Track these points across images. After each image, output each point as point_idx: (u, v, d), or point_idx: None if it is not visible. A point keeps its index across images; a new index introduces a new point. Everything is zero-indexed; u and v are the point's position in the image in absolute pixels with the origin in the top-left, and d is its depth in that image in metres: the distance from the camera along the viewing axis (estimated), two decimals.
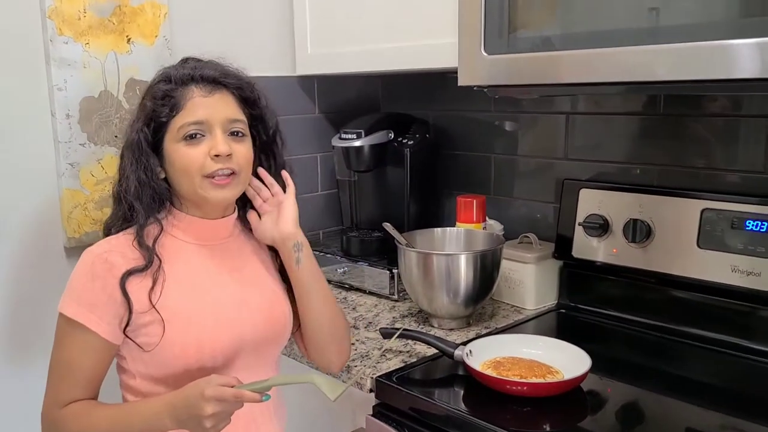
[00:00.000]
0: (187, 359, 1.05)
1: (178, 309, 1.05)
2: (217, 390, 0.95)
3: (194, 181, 1.05)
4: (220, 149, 1.04)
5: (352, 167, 1.80)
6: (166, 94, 1.05)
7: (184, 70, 1.08)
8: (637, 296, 1.46)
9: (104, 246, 1.05)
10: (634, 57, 1.07)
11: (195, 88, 1.06)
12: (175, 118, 1.05)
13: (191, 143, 1.05)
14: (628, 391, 1.24)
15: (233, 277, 1.13)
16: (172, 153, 1.06)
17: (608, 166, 1.56)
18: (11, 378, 1.43)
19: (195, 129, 1.05)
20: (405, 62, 1.53)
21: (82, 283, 1.03)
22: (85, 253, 1.04)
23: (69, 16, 1.41)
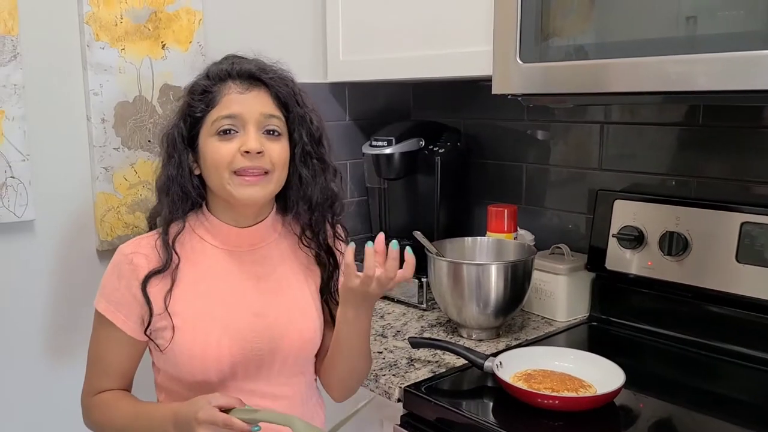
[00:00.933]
0: (192, 367, 1.05)
1: (187, 316, 1.05)
2: (210, 414, 0.94)
3: (223, 176, 1.04)
4: (251, 146, 1.02)
5: (382, 175, 1.79)
6: (204, 90, 1.06)
7: (222, 65, 1.08)
8: (672, 310, 1.43)
9: (132, 246, 1.08)
10: (672, 66, 1.06)
11: (232, 84, 1.06)
12: (210, 112, 1.05)
13: (224, 138, 1.04)
14: (661, 407, 1.21)
15: (256, 286, 1.10)
16: (204, 147, 1.06)
17: (643, 177, 1.53)
18: (48, 375, 1.44)
19: (228, 124, 1.04)
20: (438, 70, 1.53)
21: (111, 282, 1.07)
22: (117, 252, 1.08)
23: (106, 22, 1.43)
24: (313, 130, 1.10)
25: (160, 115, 1.52)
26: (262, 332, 1.08)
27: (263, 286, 1.11)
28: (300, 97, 1.10)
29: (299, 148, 1.09)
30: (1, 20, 1.30)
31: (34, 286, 1.41)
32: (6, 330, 1.38)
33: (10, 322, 1.39)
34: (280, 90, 1.07)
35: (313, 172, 1.10)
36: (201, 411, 0.94)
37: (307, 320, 1.13)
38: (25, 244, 1.39)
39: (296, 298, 1.14)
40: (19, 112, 1.33)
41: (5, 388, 1.39)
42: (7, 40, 1.31)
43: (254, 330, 1.08)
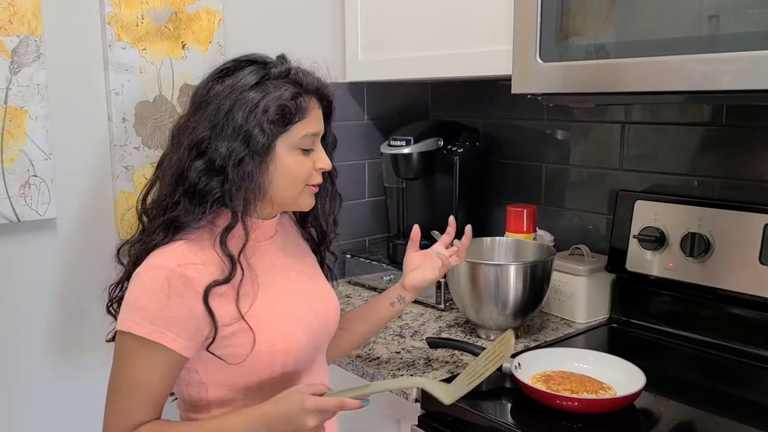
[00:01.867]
0: (273, 366, 1.03)
1: (262, 317, 1.02)
2: (318, 402, 0.95)
3: (298, 188, 1.04)
4: (327, 165, 1.07)
5: (400, 174, 1.79)
6: (296, 97, 1.01)
7: (310, 77, 1.04)
8: (693, 312, 1.41)
9: (176, 258, 0.97)
10: (695, 65, 1.04)
11: (314, 99, 1.04)
12: (298, 124, 1.01)
13: (305, 153, 1.04)
14: (682, 410, 1.20)
15: (296, 273, 1.12)
16: (285, 158, 1.01)
17: (665, 178, 1.51)
18: (68, 371, 1.46)
19: (311, 141, 1.04)
20: (456, 69, 1.52)
21: (157, 301, 0.95)
22: (155, 268, 0.96)
23: (127, 22, 1.44)
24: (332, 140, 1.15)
25: (179, 115, 1.52)
26: (319, 315, 1.11)
27: (298, 271, 1.13)
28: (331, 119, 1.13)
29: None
30: (25, 21, 1.31)
31: (55, 284, 1.43)
32: (27, 326, 1.40)
33: (32, 319, 1.40)
34: (327, 111, 1.10)
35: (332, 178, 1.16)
36: (307, 401, 0.94)
37: (334, 297, 1.18)
38: (47, 242, 1.40)
39: (321, 278, 1.18)
40: (42, 112, 1.35)
41: (27, 383, 1.41)
42: (31, 41, 1.32)
43: (314, 314, 1.10)
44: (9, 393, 1.39)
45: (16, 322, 1.38)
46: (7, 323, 1.38)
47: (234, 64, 1.04)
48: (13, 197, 1.33)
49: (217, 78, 1.03)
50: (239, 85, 1.00)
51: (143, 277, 0.97)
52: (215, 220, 1.02)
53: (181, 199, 0.99)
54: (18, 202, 1.34)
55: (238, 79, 1.01)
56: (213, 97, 1.01)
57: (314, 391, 0.97)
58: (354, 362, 1.34)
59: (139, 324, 0.95)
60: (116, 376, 0.98)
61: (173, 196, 1.00)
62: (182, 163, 1.00)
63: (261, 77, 1.01)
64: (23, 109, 1.33)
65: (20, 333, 1.39)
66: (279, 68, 1.03)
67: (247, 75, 1.01)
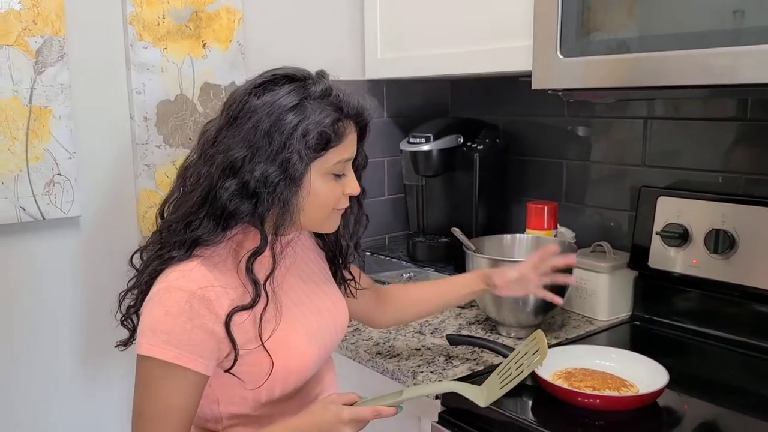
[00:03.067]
0: (285, 384, 1.03)
1: (281, 342, 1.01)
2: (354, 411, 0.96)
3: (326, 213, 1.02)
4: (356, 191, 1.04)
5: (420, 172, 1.79)
6: (335, 123, 0.97)
7: (351, 100, 1.00)
8: (717, 310, 1.39)
9: (197, 281, 0.94)
10: (718, 59, 1.03)
11: (351, 123, 1.01)
12: (333, 149, 0.98)
13: (336, 178, 1.01)
14: (706, 409, 1.18)
15: (307, 284, 1.11)
16: (318, 183, 0.99)
17: (688, 174, 1.50)
18: (83, 373, 1.48)
19: (344, 167, 1.01)
20: (476, 66, 1.51)
21: (180, 324, 0.92)
22: (176, 291, 0.94)
23: (149, 22, 1.45)
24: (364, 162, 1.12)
25: (200, 113, 1.54)
26: (329, 326, 1.10)
27: (308, 280, 1.12)
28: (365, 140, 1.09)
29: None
30: (49, 22, 1.33)
31: (78, 280, 1.45)
32: (51, 323, 1.42)
33: (55, 315, 1.42)
34: (362, 134, 1.07)
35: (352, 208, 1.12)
36: (343, 411, 0.95)
37: (342, 303, 1.16)
38: (70, 240, 1.42)
39: (330, 284, 1.17)
40: (65, 111, 1.37)
41: (47, 378, 1.43)
42: (55, 41, 1.34)
43: (324, 326, 1.10)
44: (29, 388, 1.41)
45: (40, 318, 1.41)
46: (32, 319, 1.40)
47: (272, 77, 0.99)
48: (38, 195, 1.35)
49: (253, 92, 0.98)
50: (278, 105, 0.96)
51: (164, 300, 0.94)
52: (239, 239, 1.00)
53: (206, 217, 0.96)
54: (43, 201, 1.36)
55: (276, 97, 0.96)
56: (249, 113, 0.96)
57: (346, 401, 0.97)
58: (374, 359, 1.34)
59: (164, 349, 0.92)
60: (143, 403, 0.95)
61: (199, 213, 0.97)
62: (213, 181, 0.96)
63: (300, 98, 0.96)
64: (47, 109, 1.35)
65: (43, 329, 1.41)
66: (318, 87, 0.98)
67: (285, 94, 0.96)
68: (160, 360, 0.92)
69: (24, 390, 1.40)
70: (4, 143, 1.30)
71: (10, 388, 1.38)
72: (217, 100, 1.56)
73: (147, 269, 1.01)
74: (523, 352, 1.05)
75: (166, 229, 1.01)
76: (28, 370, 1.40)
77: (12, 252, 1.36)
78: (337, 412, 0.95)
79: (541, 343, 1.03)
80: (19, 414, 1.40)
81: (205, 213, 0.96)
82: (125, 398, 1.52)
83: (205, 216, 0.96)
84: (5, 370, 1.37)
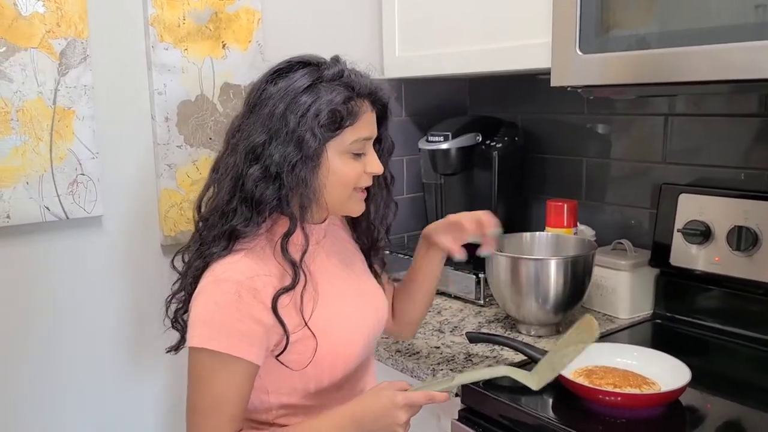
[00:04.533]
0: (334, 370, 1.05)
1: (324, 322, 1.03)
2: (408, 396, 0.96)
3: (347, 193, 1.04)
4: (378, 170, 1.06)
5: (438, 170, 1.79)
6: (347, 100, 1.00)
7: (363, 80, 1.03)
8: (740, 308, 1.38)
9: (243, 271, 0.97)
10: (740, 54, 1.02)
11: (366, 102, 1.03)
12: (348, 128, 1.00)
13: (356, 158, 1.03)
14: (729, 408, 1.17)
15: (349, 273, 1.13)
16: (336, 162, 1.01)
17: (710, 171, 1.48)
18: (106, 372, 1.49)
19: (362, 146, 1.03)
20: (495, 64, 1.51)
21: (229, 314, 0.95)
22: (224, 282, 0.96)
23: (170, 23, 1.47)
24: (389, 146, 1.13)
25: (221, 113, 1.55)
26: (373, 315, 1.12)
27: (349, 272, 1.14)
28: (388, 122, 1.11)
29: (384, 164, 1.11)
30: (72, 24, 1.35)
31: (102, 279, 1.46)
32: (75, 321, 1.44)
33: (81, 314, 1.44)
34: (383, 115, 1.09)
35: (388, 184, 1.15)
36: (396, 397, 0.95)
37: (382, 295, 1.18)
38: (94, 239, 1.44)
39: (369, 277, 1.19)
40: (88, 112, 1.39)
41: (70, 377, 1.45)
42: (78, 43, 1.36)
43: (369, 315, 1.12)
44: (49, 387, 1.43)
45: (63, 316, 1.42)
46: (55, 317, 1.42)
47: (287, 65, 1.03)
48: (62, 195, 1.37)
49: (270, 79, 1.02)
50: (292, 88, 0.99)
51: (213, 292, 0.97)
52: (273, 228, 1.03)
53: (239, 206, 0.99)
54: (66, 200, 1.38)
55: (291, 82, 1.00)
56: (266, 99, 1.00)
57: (398, 388, 0.98)
58: (393, 357, 1.34)
59: (216, 339, 0.95)
60: (197, 396, 0.97)
61: (231, 203, 1.00)
62: (239, 169, 0.99)
63: (314, 80, 1.00)
64: (71, 110, 1.37)
65: (67, 327, 1.43)
66: (332, 70, 1.01)
67: (299, 78, 1.00)
68: (212, 350, 0.94)
69: (44, 388, 1.42)
70: (29, 144, 1.33)
71: (29, 386, 1.40)
72: (237, 100, 1.57)
73: (190, 269, 1.04)
74: (572, 339, 1.05)
75: (204, 225, 1.05)
76: (50, 367, 1.42)
77: (36, 251, 1.38)
78: (392, 397, 0.96)
79: (590, 328, 1.04)
80: (32, 413, 1.42)
81: (236, 202, 0.99)
82: (148, 396, 1.54)
83: (237, 205, 0.99)
84: (28, 367, 1.39)
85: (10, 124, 1.30)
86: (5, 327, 1.36)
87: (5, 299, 1.35)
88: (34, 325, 1.39)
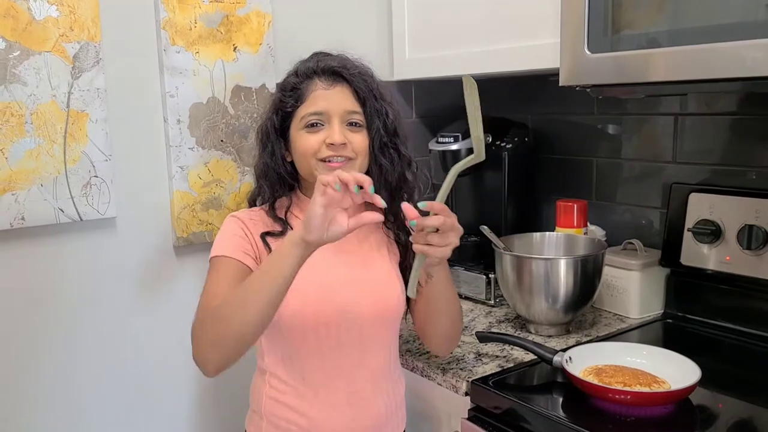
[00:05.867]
0: (293, 323, 1.12)
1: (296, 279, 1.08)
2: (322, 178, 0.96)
3: (310, 164, 1.16)
4: (335, 139, 1.14)
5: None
6: (294, 86, 1.17)
7: (309, 63, 1.19)
8: (752, 307, 1.37)
9: (244, 213, 1.19)
10: (750, 51, 1.02)
11: (318, 81, 1.17)
12: (299, 108, 1.17)
13: (311, 131, 1.16)
14: (741, 407, 1.17)
15: (343, 258, 1.17)
16: (295, 139, 1.17)
17: (721, 170, 1.48)
18: (117, 372, 1.51)
19: (315, 119, 1.15)
20: (504, 64, 1.51)
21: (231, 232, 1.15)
22: (229, 218, 1.19)
23: (181, 26, 1.48)
24: (388, 123, 1.19)
25: (232, 116, 1.57)
26: (351, 297, 1.15)
27: (349, 258, 1.19)
28: (377, 92, 1.19)
29: (377, 139, 1.18)
30: (85, 28, 1.37)
31: (115, 280, 1.48)
32: (90, 322, 1.46)
33: (95, 315, 1.46)
34: (359, 86, 1.17)
35: (390, 161, 1.19)
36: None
37: (392, 289, 1.19)
38: (107, 240, 1.46)
39: (381, 270, 1.20)
40: (101, 115, 1.40)
41: (83, 378, 1.47)
42: (91, 47, 1.38)
43: (344, 294, 1.15)
44: (63, 390, 1.44)
45: (77, 316, 1.44)
46: (69, 317, 1.43)
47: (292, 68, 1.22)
48: (75, 197, 1.39)
49: None
50: None
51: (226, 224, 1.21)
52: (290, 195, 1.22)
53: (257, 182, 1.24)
54: (80, 202, 1.40)
55: None
56: None
57: None
58: (404, 357, 1.35)
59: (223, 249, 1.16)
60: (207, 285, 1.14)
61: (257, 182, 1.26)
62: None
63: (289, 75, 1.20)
64: (84, 113, 1.39)
65: (81, 327, 1.45)
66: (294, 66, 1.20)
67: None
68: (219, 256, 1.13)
69: (59, 389, 1.44)
70: (43, 146, 1.34)
71: (41, 386, 1.42)
72: (248, 102, 1.58)
73: None
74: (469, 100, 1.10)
75: None
76: (66, 367, 1.44)
77: (50, 252, 1.40)
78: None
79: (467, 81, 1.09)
80: (43, 414, 1.43)
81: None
82: (158, 396, 1.55)
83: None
84: (43, 367, 1.41)
85: (24, 127, 1.32)
86: (19, 327, 1.38)
87: (19, 300, 1.37)
88: (48, 326, 1.41)
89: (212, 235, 1.52)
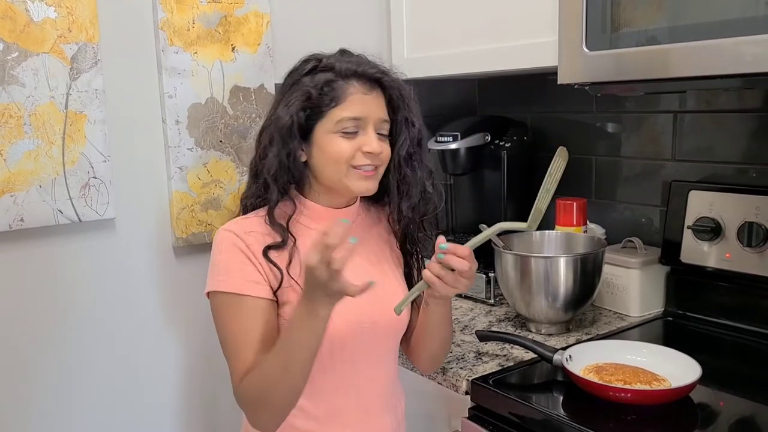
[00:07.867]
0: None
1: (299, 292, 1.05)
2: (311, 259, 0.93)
3: (341, 170, 1.08)
4: (374, 148, 1.08)
5: (448, 170, 1.79)
6: (328, 84, 1.08)
7: (348, 64, 1.10)
8: (752, 304, 1.37)
9: (238, 226, 1.09)
10: (750, 47, 1.01)
11: (356, 84, 1.08)
12: (333, 109, 1.07)
13: (347, 137, 1.08)
14: (742, 405, 1.16)
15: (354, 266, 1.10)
16: (325, 141, 1.08)
17: (721, 167, 1.47)
18: (118, 373, 1.51)
19: (352, 125, 1.08)
20: (503, 63, 1.51)
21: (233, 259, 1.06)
22: (223, 233, 1.08)
23: (179, 27, 1.48)
24: (416, 134, 1.16)
25: (230, 116, 1.57)
26: (364, 307, 1.10)
27: (359, 265, 1.13)
28: (410, 102, 1.15)
29: (403, 149, 1.14)
30: (83, 29, 1.37)
31: (114, 281, 1.48)
32: (90, 323, 1.45)
33: (94, 315, 1.46)
34: (394, 94, 1.13)
35: (413, 171, 1.15)
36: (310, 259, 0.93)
37: (397, 290, 1.17)
38: (106, 241, 1.46)
39: (390, 274, 1.18)
40: (100, 116, 1.40)
41: (82, 379, 1.47)
42: (89, 48, 1.38)
43: (358, 305, 1.09)
44: (63, 390, 1.44)
45: (76, 317, 1.44)
46: (68, 318, 1.43)
47: (299, 62, 1.13)
48: (74, 198, 1.39)
49: (285, 76, 1.13)
50: (286, 82, 1.12)
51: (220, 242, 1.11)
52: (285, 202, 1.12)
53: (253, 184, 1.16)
54: (79, 203, 1.39)
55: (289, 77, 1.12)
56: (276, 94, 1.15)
57: None
58: (403, 357, 1.34)
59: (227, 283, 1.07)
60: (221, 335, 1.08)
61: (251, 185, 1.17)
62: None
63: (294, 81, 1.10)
64: (83, 114, 1.39)
65: (80, 328, 1.45)
66: (307, 65, 1.11)
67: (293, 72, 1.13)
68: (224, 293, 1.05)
69: (55, 389, 1.43)
70: (41, 148, 1.34)
71: (40, 386, 1.42)
72: (246, 102, 1.58)
73: None
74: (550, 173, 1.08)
75: None
76: (62, 369, 1.43)
77: (50, 253, 1.40)
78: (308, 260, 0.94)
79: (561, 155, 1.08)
80: (43, 414, 1.43)
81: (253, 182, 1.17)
82: (157, 397, 1.55)
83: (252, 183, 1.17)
84: (40, 368, 1.41)
85: (23, 129, 1.32)
86: (19, 329, 1.38)
87: (19, 301, 1.37)
88: (47, 327, 1.41)
89: (212, 236, 1.51)
